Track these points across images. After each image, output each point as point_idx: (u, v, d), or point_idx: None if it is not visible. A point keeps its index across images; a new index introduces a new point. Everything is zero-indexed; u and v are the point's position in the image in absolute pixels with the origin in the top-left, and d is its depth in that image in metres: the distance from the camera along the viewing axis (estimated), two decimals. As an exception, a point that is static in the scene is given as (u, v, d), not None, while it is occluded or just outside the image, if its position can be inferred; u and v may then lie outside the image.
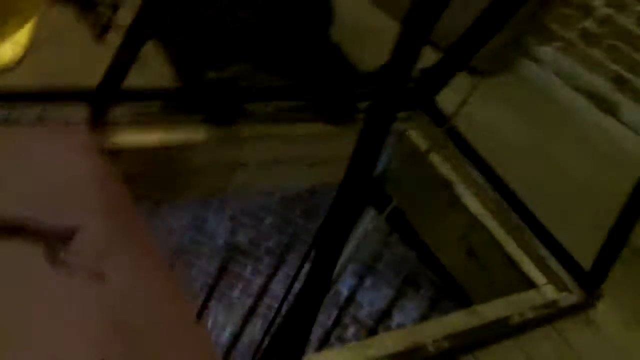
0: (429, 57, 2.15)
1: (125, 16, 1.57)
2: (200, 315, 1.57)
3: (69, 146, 1.53)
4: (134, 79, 1.66)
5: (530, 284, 1.99)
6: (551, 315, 1.90)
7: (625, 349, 1.96)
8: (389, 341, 1.58)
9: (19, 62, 1.66)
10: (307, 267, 1.37)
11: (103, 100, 1.59)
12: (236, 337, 2.80)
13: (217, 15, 1.59)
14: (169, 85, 1.76)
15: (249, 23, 1.76)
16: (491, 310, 1.79)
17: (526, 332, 1.83)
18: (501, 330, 1.77)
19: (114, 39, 1.68)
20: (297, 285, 1.39)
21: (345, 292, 3.68)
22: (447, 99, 2.23)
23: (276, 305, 3.89)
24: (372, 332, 2.44)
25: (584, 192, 2.46)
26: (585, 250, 2.05)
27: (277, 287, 3.77)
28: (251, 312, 3.87)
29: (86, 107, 1.60)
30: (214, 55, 1.72)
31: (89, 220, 1.38)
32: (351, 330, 3.68)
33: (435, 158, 2.19)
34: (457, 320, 1.72)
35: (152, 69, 1.82)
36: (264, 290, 3.80)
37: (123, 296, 1.34)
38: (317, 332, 3.70)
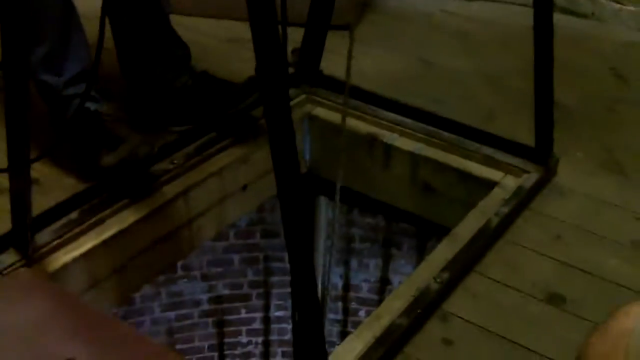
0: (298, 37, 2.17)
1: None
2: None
3: (17, 289, 1.50)
4: (40, 203, 1.63)
5: (492, 184, 2.02)
6: (523, 200, 1.93)
7: (601, 191, 2.01)
8: (395, 302, 1.58)
9: None
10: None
11: (22, 237, 1.55)
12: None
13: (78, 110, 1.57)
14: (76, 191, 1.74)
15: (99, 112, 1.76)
16: (469, 225, 1.81)
17: (510, 226, 1.87)
18: (486, 237, 1.80)
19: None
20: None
21: (339, 282, 3.68)
22: (331, 64, 2.26)
23: (285, 327, 3.87)
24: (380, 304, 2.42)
25: (478, 80, 2.51)
26: (518, 130, 2.10)
27: (278, 311, 3.75)
28: (266, 345, 3.85)
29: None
30: (101, 143, 1.71)
31: (74, 347, 1.35)
32: (362, 313, 3.70)
33: (351, 122, 2.20)
34: (444, 249, 1.74)
35: (54, 185, 1.79)
36: (267, 323, 3.78)
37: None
38: (334, 330, 3.71)
